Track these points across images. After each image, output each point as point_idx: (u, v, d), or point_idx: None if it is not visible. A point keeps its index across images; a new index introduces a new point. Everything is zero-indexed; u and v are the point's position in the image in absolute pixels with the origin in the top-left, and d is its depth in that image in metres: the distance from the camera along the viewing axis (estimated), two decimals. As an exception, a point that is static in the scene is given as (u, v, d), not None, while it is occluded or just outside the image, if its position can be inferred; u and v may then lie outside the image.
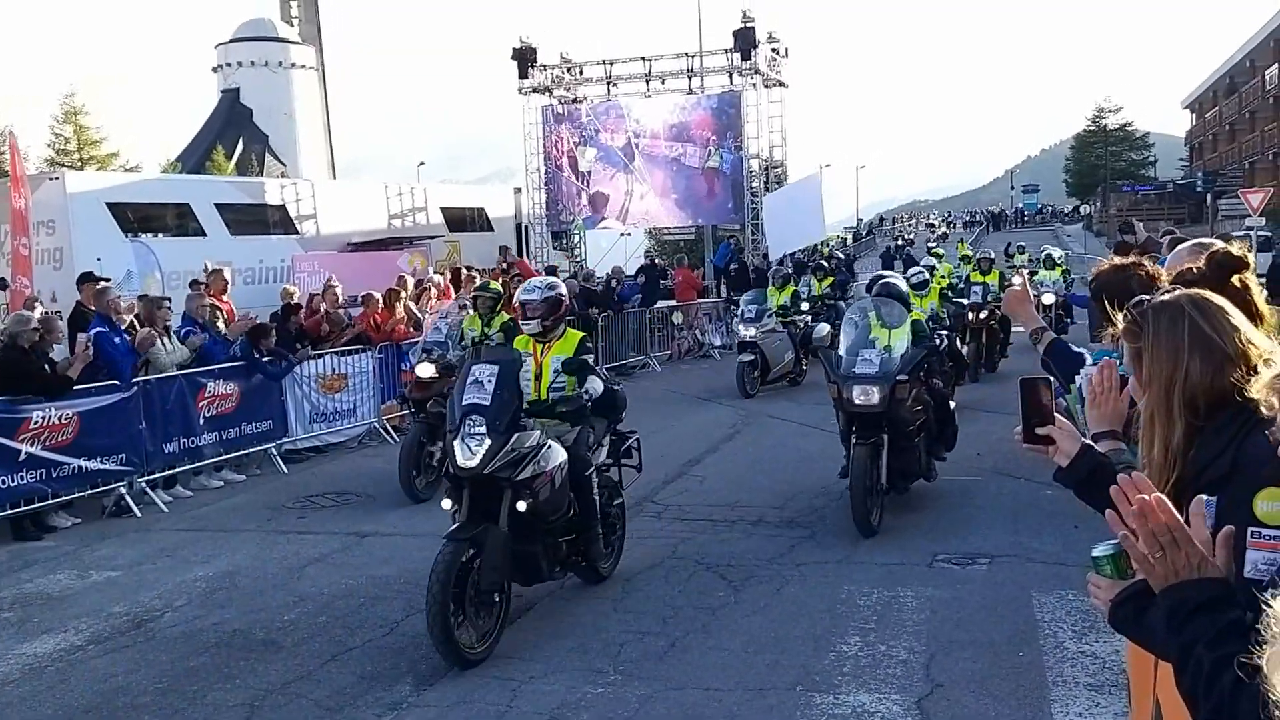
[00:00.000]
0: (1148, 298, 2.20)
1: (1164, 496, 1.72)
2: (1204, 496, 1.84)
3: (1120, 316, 2.21)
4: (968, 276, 16.80)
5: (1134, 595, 1.90)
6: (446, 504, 5.80)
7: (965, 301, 15.15)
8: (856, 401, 7.61)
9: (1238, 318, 2.07)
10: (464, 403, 5.70)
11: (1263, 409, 1.90)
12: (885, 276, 8.90)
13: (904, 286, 8.52)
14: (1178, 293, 2.15)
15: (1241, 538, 1.80)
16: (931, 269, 16.70)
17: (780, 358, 15.25)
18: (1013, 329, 16.15)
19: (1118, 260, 3.85)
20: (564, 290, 7.00)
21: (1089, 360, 3.97)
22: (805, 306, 17.02)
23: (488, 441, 5.58)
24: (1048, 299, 16.47)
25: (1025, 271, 15.66)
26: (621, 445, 7.18)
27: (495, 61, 38.36)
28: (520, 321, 7.11)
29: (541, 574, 6.03)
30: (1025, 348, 15.52)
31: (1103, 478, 2.26)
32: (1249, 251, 2.60)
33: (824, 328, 13.77)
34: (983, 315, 15.25)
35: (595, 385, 6.45)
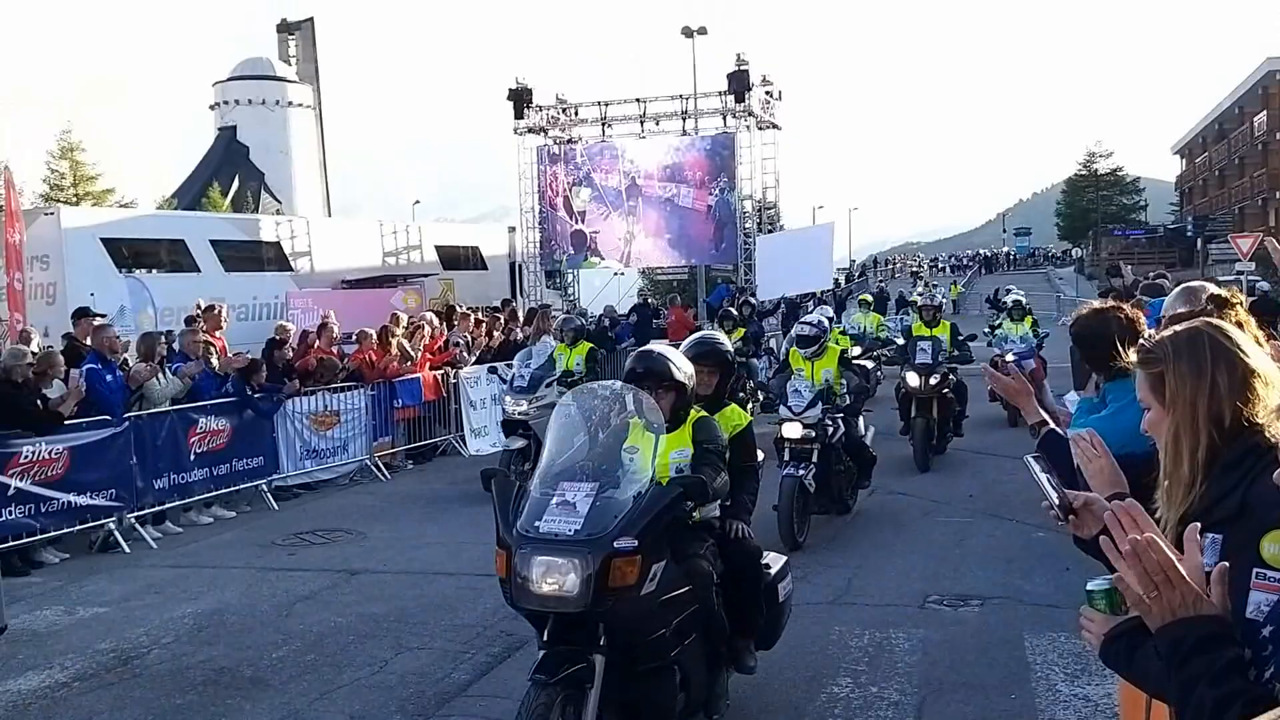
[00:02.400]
0: (1152, 333, 2.24)
1: (1156, 535, 1.73)
2: (1197, 525, 1.84)
3: (1133, 351, 2.24)
4: (909, 330, 13.15)
5: (1127, 632, 1.91)
6: None
7: (869, 365, 12.56)
8: (538, 590, 3.92)
9: (1251, 343, 2.11)
10: None
11: (1269, 434, 1.92)
12: (650, 350, 4.87)
13: (681, 368, 4.63)
14: (1193, 322, 2.19)
15: (1246, 578, 1.81)
16: (831, 320, 13.63)
17: None
18: (969, 401, 12.92)
19: (1095, 305, 3.84)
20: None
21: (1072, 404, 3.94)
22: None
23: None
24: (1012, 358, 13.43)
25: (1007, 355, 13.05)
26: None
27: (491, 102, 38.73)
28: None
29: None
30: (984, 423, 13.67)
31: None
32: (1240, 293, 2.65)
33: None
34: (932, 382, 11.50)
35: None
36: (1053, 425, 3.48)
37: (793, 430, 8.51)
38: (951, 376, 12.03)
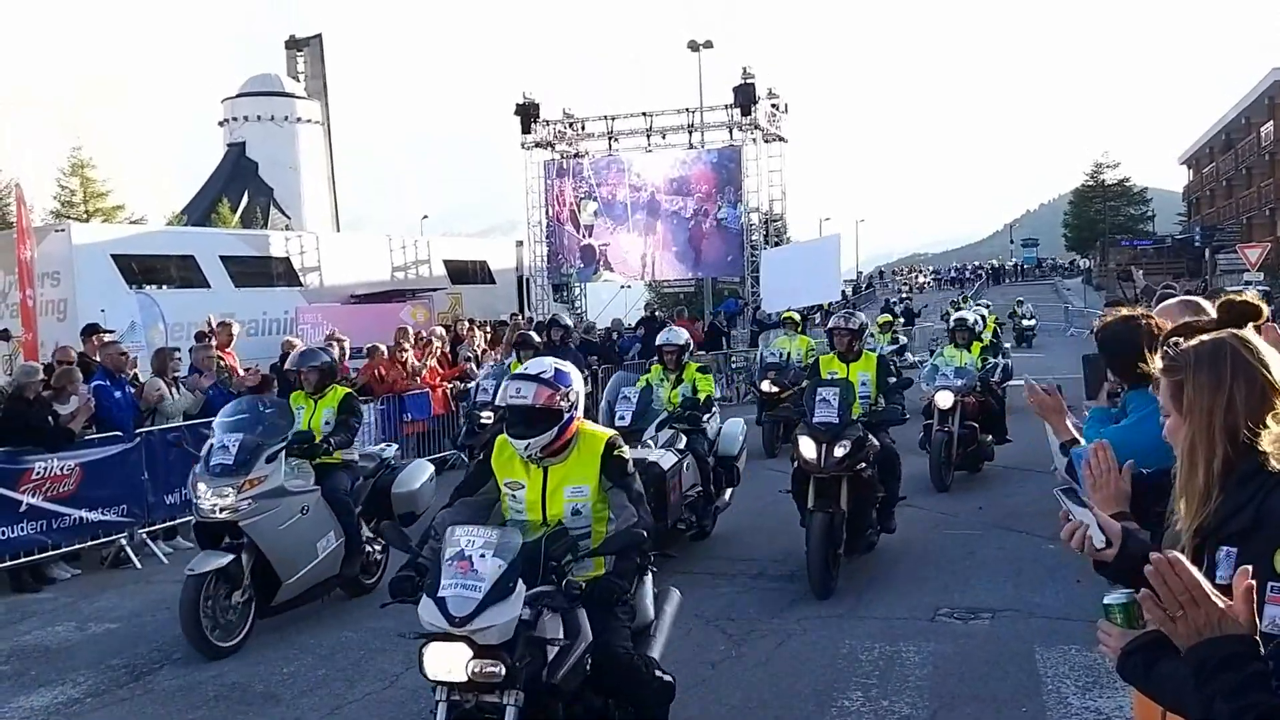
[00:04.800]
0: (1182, 338, 2.24)
1: (1180, 556, 1.73)
2: (1234, 552, 1.85)
3: (1157, 356, 2.24)
4: (814, 366, 8.73)
5: (1144, 646, 1.92)
6: None
7: (666, 460, 8.02)
8: None
9: (1275, 358, 2.10)
10: None
11: (1273, 462, 1.93)
12: None
13: None
14: (1220, 332, 2.19)
15: (1261, 592, 1.81)
16: (683, 349, 9.51)
17: (299, 561, 6.95)
18: (901, 474, 8.42)
19: (1124, 312, 3.80)
20: None
21: (1085, 416, 3.93)
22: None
23: None
24: (943, 400, 10.68)
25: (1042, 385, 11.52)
26: None
27: (499, 117, 38.90)
28: None
29: None
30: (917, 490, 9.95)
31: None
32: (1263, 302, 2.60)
33: (421, 470, 8.06)
34: (839, 453, 7.23)
35: None
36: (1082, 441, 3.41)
37: (442, 662, 3.69)
38: (873, 441, 7.67)
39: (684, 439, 8.74)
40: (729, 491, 9.49)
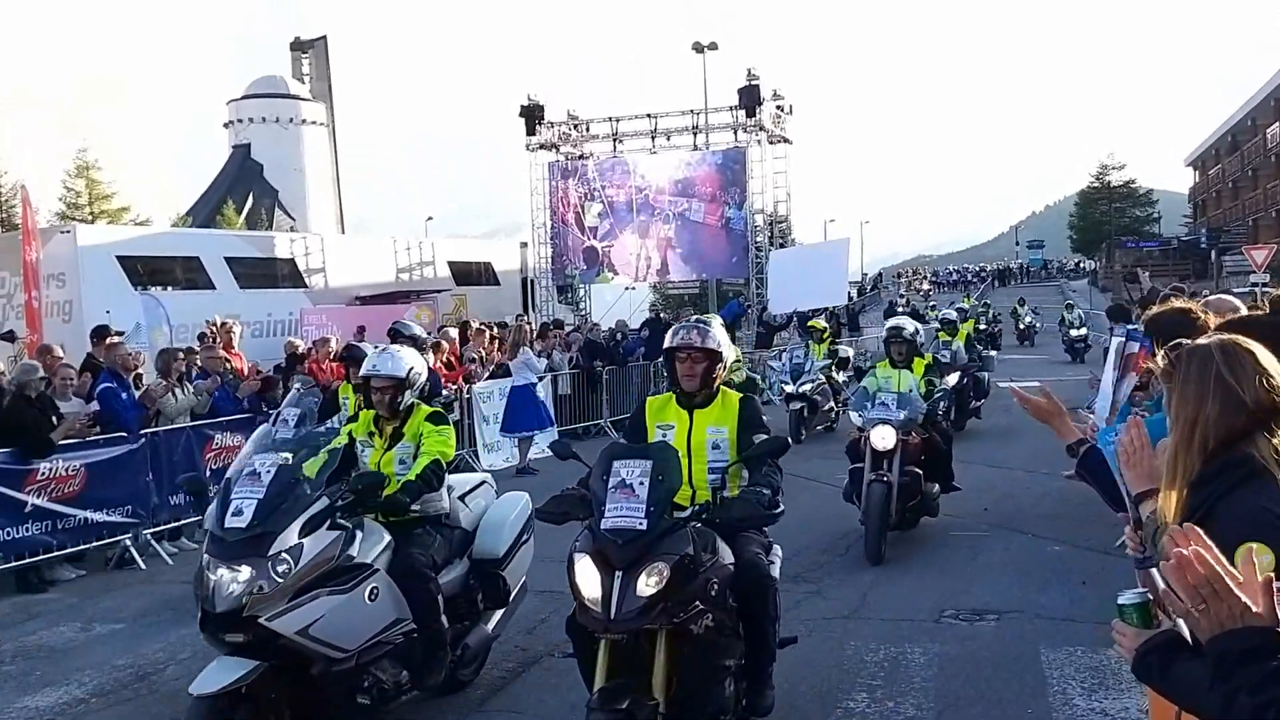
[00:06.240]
0: (1184, 341, 2.24)
1: (1202, 549, 1.73)
2: (1252, 546, 1.85)
3: (1159, 358, 2.24)
4: (635, 416, 5.13)
5: (1160, 645, 1.91)
6: None
7: None
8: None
9: (1270, 364, 2.09)
10: None
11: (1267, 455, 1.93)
12: None
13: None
14: (1211, 338, 2.18)
15: None
16: (396, 386, 5.30)
17: None
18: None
19: (1179, 304, 3.73)
20: None
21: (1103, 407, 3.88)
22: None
23: None
24: (882, 439, 8.04)
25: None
26: None
27: (504, 118, 38.95)
28: None
29: None
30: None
31: None
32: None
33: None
34: (647, 588, 3.79)
35: None
36: (1092, 442, 3.29)
37: None
38: (720, 558, 4.20)
39: (384, 540, 5.04)
40: (497, 615, 5.81)
